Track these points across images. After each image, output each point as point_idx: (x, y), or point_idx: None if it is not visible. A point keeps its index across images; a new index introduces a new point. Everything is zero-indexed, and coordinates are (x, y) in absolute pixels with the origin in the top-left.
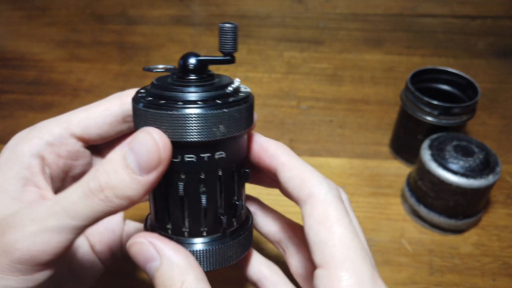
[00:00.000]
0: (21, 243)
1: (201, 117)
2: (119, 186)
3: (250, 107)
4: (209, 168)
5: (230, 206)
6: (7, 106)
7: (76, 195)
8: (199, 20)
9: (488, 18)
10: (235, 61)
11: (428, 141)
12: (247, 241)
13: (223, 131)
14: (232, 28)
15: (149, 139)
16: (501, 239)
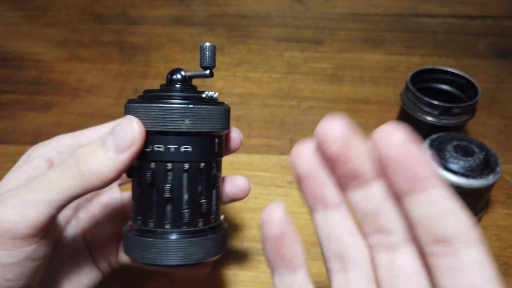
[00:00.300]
0: (2, 217)
1: (169, 109)
2: (94, 162)
3: (221, 112)
4: (175, 160)
5: (195, 203)
6: (7, 106)
7: (54, 173)
8: (199, 20)
9: (488, 18)
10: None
11: (428, 141)
12: (212, 245)
13: (188, 125)
14: (210, 46)
15: (126, 122)
16: (501, 239)
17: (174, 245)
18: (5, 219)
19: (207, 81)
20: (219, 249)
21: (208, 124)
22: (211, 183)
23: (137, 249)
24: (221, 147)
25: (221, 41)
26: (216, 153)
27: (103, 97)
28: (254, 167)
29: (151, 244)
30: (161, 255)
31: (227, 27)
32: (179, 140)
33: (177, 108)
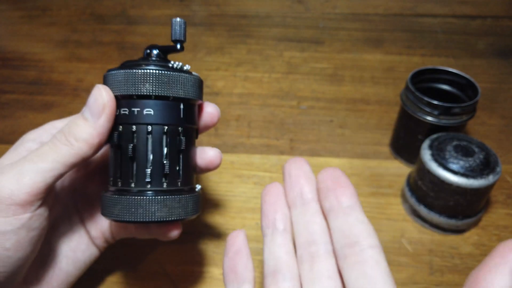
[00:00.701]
0: (1, 184)
1: (130, 74)
2: (77, 131)
3: (185, 79)
4: (139, 122)
5: (158, 164)
6: (7, 106)
7: (47, 146)
8: (199, 20)
9: (488, 18)
10: (184, 50)
11: (428, 141)
12: (176, 205)
13: (149, 88)
14: (180, 21)
15: (95, 91)
16: (501, 239)
17: (136, 202)
18: (4, 186)
19: (208, 80)
20: (185, 212)
21: (170, 89)
22: (176, 147)
23: (107, 207)
24: (190, 115)
25: (221, 41)
26: (182, 119)
27: None
28: (254, 167)
29: (117, 201)
30: (125, 212)
31: (227, 27)
32: (141, 103)
33: (138, 73)
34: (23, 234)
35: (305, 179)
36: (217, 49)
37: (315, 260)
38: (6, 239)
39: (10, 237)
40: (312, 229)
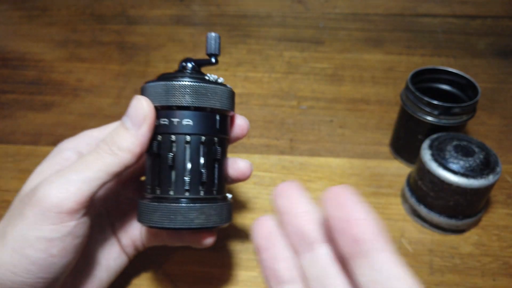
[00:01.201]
0: (49, 193)
1: (171, 86)
2: (120, 140)
3: (222, 92)
4: (178, 132)
5: (196, 173)
6: (7, 106)
7: (91, 155)
8: (199, 20)
9: (488, 18)
10: (218, 63)
11: (428, 141)
12: (212, 213)
13: (188, 100)
14: (215, 36)
15: (136, 102)
16: (502, 239)
17: (175, 209)
18: (52, 195)
19: None
20: (220, 219)
21: (207, 101)
22: (212, 156)
23: (145, 214)
24: (224, 125)
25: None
26: (218, 130)
27: (103, 97)
28: (254, 167)
29: (156, 208)
30: (164, 219)
31: (227, 27)
32: (181, 114)
33: (179, 85)
34: (69, 241)
35: (302, 212)
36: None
37: None
38: (53, 246)
39: (56, 244)
40: (330, 281)
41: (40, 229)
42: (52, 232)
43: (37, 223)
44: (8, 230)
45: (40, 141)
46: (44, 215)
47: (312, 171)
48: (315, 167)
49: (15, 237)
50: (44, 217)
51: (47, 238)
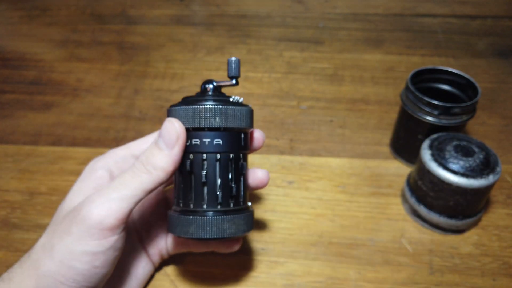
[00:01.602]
0: (93, 212)
1: (203, 109)
2: (155, 160)
3: (246, 112)
4: (209, 151)
5: (227, 187)
6: (7, 106)
7: (128, 175)
8: (199, 20)
9: (488, 18)
10: (239, 84)
11: (428, 141)
12: (241, 222)
13: (219, 122)
14: (236, 60)
15: (168, 124)
16: (501, 239)
17: (210, 221)
18: (96, 214)
19: None
20: (247, 227)
21: (235, 122)
22: (239, 171)
23: (180, 226)
24: (246, 142)
25: (221, 41)
26: (243, 146)
27: (103, 97)
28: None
29: (192, 221)
30: (200, 230)
31: (227, 27)
32: (212, 134)
33: (210, 108)
34: (110, 253)
35: None
36: (217, 49)
37: None
38: (96, 259)
39: (99, 257)
40: None
41: (85, 244)
42: (96, 247)
43: (82, 238)
44: (56, 243)
45: (40, 141)
46: (89, 231)
47: (312, 171)
48: (315, 167)
49: (63, 250)
50: (89, 233)
51: (92, 252)
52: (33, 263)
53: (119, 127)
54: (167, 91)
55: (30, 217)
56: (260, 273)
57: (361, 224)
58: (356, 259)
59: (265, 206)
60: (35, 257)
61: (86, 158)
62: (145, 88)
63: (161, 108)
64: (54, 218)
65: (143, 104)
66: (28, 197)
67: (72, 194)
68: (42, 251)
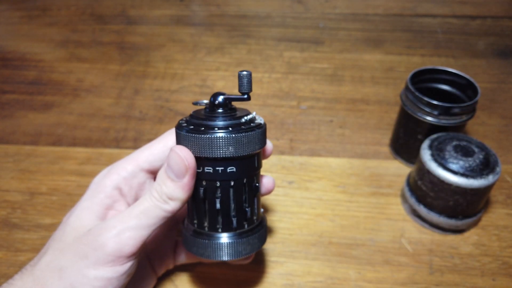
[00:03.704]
0: (112, 240)
1: (215, 139)
2: (168, 191)
3: (259, 134)
4: (223, 179)
5: (241, 211)
6: (7, 106)
7: (147, 202)
8: (199, 20)
9: (488, 18)
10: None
11: (428, 141)
12: (256, 241)
13: (232, 151)
14: (247, 74)
15: (174, 155)
16: (501, 239)
17: (226, 245)
18: (116, 242)
19: (208, 80)
20: (261, 243)
21: (249, 148)
22: (253, 192)
23: (196, 247)
24: (259, 161)
25: (221, 41)
26: (256, 167)
27: (103, 97)
28: None
29: (208, 245)
30: (216, 253)
31: (227, 27)
32: (225, 163)
33: (222, 138)
34: (123, 278)
35: None
36: (217, 49)
37: None
38: (109, 284)
39: (113, 282)
40: None
41: (100, 270)
42: (112, 273)
43: (97, 264)
44: (67, 266)
45: (40, 141)
46: (106, 258)
47: (312, 171)
48: (315, 167)
49: (75, 274)
50: (106, 260)
51: (107, 277)
52: (38, 280)
53: (119, 127)
54: (167, 91)
55: (31, 217)
56: (260, 273)
57: (361, 224)
58: (356, 259)
59: (265, 206)
60: (39, 274)
61: (86, 158)
62: (145, 88)
63: (161, 108)
64: (59, 234)
65: (143, 104)
66: (29, 197)
67: (80, 211)
68: (49, 270)
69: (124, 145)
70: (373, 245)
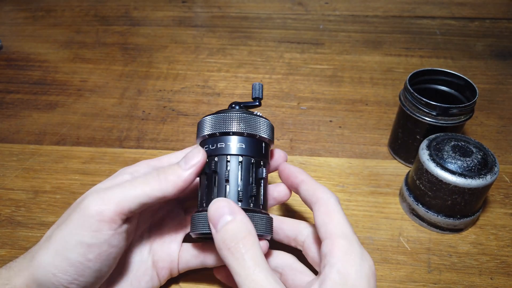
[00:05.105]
0: (93, 202)
1: (228, 116)
2: (169, 172)
3: (264, 123)
4: (233, 153)
5: (247, 187)
6: (12, 106)
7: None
8: (201, 22)
9: (487, 20)
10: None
11: (427, 141)
12: (260, 224)
13: (243, 127)
14: (259, 84)
15: (195, 149)
16: (499, 238)
17: None
18: (95, 204)
19: (209, 81)
20: (266, 230)
21: (256, 130)
22: (259, 175)
23: (201, 224)
24: (267, 152)
25: (223, 42)
26: (263, 154)
27: (106, 97)
28: None
29: None
30: None
31: (228, 29)
32: (235, 139)
33: (235, 115)
34: (104, 248)
35: None
36: (219, 50)
37: None
38: (90, 251)
39: (93, 250)
40: None
41: (81, 234)
42: (91, 238)
43: (79, 228)
44: (54, 234)
45: (45, 140)
46: (86, 221)
47: (312, 171)
48: (315, 166)
49: (59, 240)
50: (86, 223)
51: (86, 243)
52: (30, 254)
53: (122, 127)
54: (169, 91)
55: (34, 215)
56: None
57: (359, 223)
58: None
59: None
60: (34, 248)
61: (90, 157)
62: (148, 89)
63: (163, 108)
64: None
65: (146, 104)
66: (33, 196)
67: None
68: (42, 242)
69: (127, 145)
70: (371, 244)
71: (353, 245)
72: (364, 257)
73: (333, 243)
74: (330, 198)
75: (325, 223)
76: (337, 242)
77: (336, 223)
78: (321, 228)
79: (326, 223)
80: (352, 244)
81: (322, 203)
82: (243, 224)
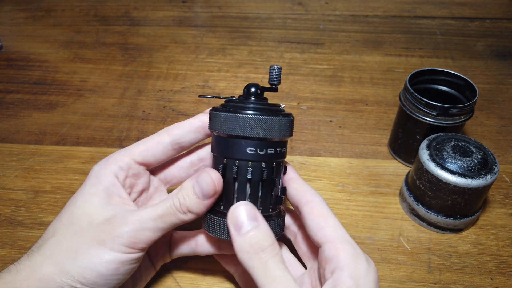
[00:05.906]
0: (130, 234)
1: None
2: (190, 205)
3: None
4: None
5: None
6: (12, 105)
7: (165, 208)
8: (201, 22)
9: (487, 20)
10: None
11: (427, 141)
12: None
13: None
14: (277, 68)
15: (207, 176)
16: (499, 238)
17: None
18: (132, 236)
19: (209, 81)
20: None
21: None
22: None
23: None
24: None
25: (223, 42)
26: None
27: (106, 97)
28: None
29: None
30: None
31: (228, 29)
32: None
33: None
34: (132, 263)
35: None
36: (219, 50)
37: None
38: (121, 267)
39: (124, 266)
40: None
41: (115, 255)
42: (124, 258)
43: (113, 250)
44: (83, 250)
45: (45, 140)
46: (121, 248)
47: (312, 171)
48: (315, 166)
49: (92, 256)
50: (120, 249)
51: (119, 261)
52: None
53: (122, 127)
54: (169, 91)
55: (34, 215)
56: None
57: (360, 223)
58: None
59: None
60: (50, 253)
61: (90, 157)
62: (148, 89)
63: (163, 108)
64: (67, 218)
65: (146, 104)
66: (33, 196)
67: (88, 197)
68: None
69: (127, 144)
70: (371, 244)
71: (357, 249)
72: (369, 261)
73: (337, 248)
74: (322, 201)
75: (321, 227)
76: (342, 247)
77: (333, 227)
78: (318, 231)
79: (323, 227)
80: (356, 249)
81: (313, 205)
82: (267, 233)
